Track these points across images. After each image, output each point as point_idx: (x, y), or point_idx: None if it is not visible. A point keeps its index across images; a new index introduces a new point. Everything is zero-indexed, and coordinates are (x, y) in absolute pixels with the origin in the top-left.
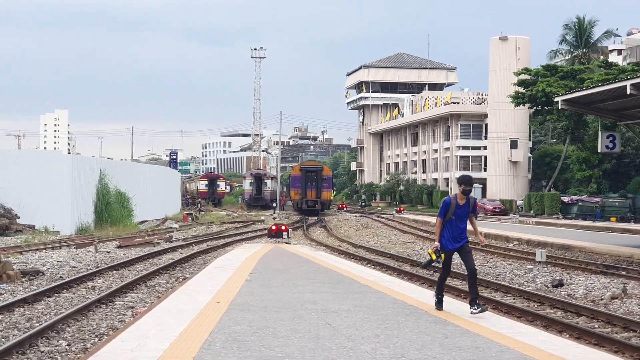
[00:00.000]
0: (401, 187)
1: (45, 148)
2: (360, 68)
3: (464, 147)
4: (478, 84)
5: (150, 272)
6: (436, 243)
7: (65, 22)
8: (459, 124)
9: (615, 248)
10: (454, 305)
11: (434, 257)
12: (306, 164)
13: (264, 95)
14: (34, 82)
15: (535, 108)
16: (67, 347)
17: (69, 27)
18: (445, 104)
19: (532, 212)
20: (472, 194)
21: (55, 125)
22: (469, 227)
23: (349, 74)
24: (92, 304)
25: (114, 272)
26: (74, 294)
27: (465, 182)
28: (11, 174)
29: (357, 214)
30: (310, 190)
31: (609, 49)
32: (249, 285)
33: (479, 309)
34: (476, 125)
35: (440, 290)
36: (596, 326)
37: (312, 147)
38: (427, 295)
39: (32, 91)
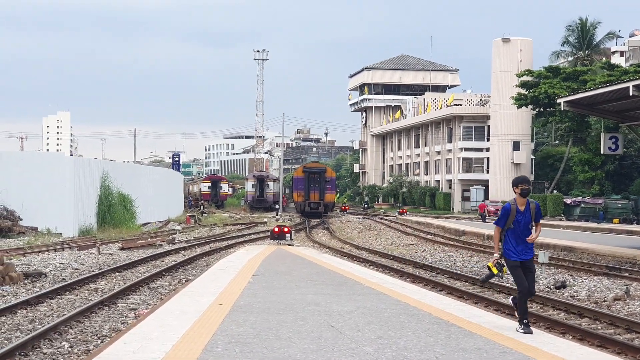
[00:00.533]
0: (404, 189)
1: (47, 150)
2: (362, 70)
3: (467, 149)
4: (480, 85)
5: (153, 274)
6: (496, 255)
7: (67, 24)
8: (462, 126)
9: (618, 249)
10: (457, 307)
11: (495, 271)
12: (309, 165)
13: (266, 97)
14: (36, 84)
15: (537, 109)
16: (69, 349)
17: (70, 29)
18: (447, 106)
19: None
20: (475, 194)
21: (57, 127)
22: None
23: (351, 76)
24: (95, 306)
25: (117, 274)
26: (77, 295)
27: (522, 181)
28: (14, 176)
29: (359, 216)
30: (314, 192)
31: (612, 50)
32: (251, 287)
33: (524, 330)
34: (478, 127)
35: (524, 310)
36: (599, 327)
37: (314, 149)
38: (430, 297)
39: (35, 93)
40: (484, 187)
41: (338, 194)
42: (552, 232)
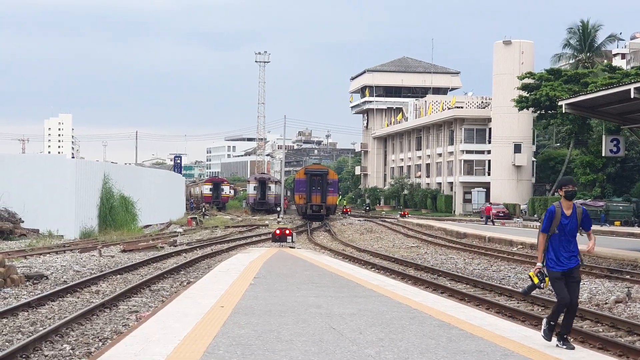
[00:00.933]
0: (405, 192)
1: (49, 152)
2: (364, 72)
3: (468, 151)
4: (482, 88)
5: (155, 277)
6: (538, 264)
7: (67, 24)
8: (463, 128)
9: (620, 252)
10: (458, 309)
11: (536, 280)
12: (311, 167)
13: (268, 99)
14: (37, 86)
15: (539, 112)
16: (71, 351)
17: (70, 29)
18: (449, 109)
19: (535, 216)
20: (476, 196)
21: (59, 129)
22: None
23: (352, 78)
24: (96, 308)
25: (118, 276)
26: (78, 298)
27: (566, 183)
28: (15, 178)
29: (361, 218)
30: (315, 195)
31: (613, 53)
32: (253, 289)
33: (565, 346)
34: (480, 130)
35: (556, 316)
36: (600, 330)
37: (316, 151)
38: (431, 299)
39: (36, 95)
40: (485, 190)
41: (340, 197)
42: None
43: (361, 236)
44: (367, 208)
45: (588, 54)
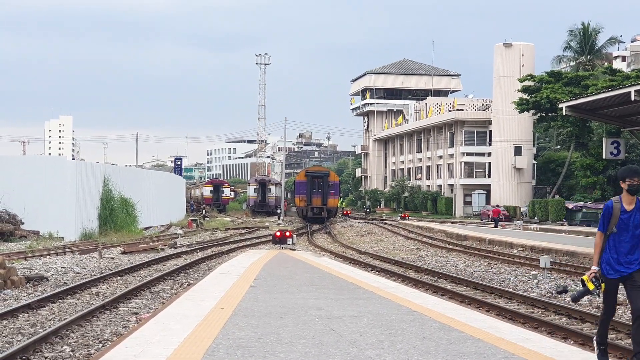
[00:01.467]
0: (406, 194)
1: (49, 154)
2: (364, 74)
3: (469, 154)
4: (482, 90)
5: (155, 278)
6: (594, 267)
7: (67, 24)
8: (463, 131)
9: None
10: (458, 312)
11: (590, 286)
12: (312, 169)
13: (268, 101)
14: (38, 88)
15: (539, 114)
16: (71, 353)
17: (71, 29)
18: (449, 111)
19: (536, 218)
20: (476, 199)
21: (59, 131)
22: None
23: (353, 81)
24: (96, 310)
25: (118, 278)
26: (78, 299)
27: (630, 175)
28: (15, 179)
29: (361, 221)
30: (316, 197)
31: (613, 55)
32: (253, 291)
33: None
34: (480, 132)
35: (604, 336)
36: None
37: (316, 153)
38: (431, 302)
39: (36, 97)
40: (485, 192)
41: (341, 199)
42: (553, 236)
43: (361, 238)
44: (368, 210)
45: (589, 57)
